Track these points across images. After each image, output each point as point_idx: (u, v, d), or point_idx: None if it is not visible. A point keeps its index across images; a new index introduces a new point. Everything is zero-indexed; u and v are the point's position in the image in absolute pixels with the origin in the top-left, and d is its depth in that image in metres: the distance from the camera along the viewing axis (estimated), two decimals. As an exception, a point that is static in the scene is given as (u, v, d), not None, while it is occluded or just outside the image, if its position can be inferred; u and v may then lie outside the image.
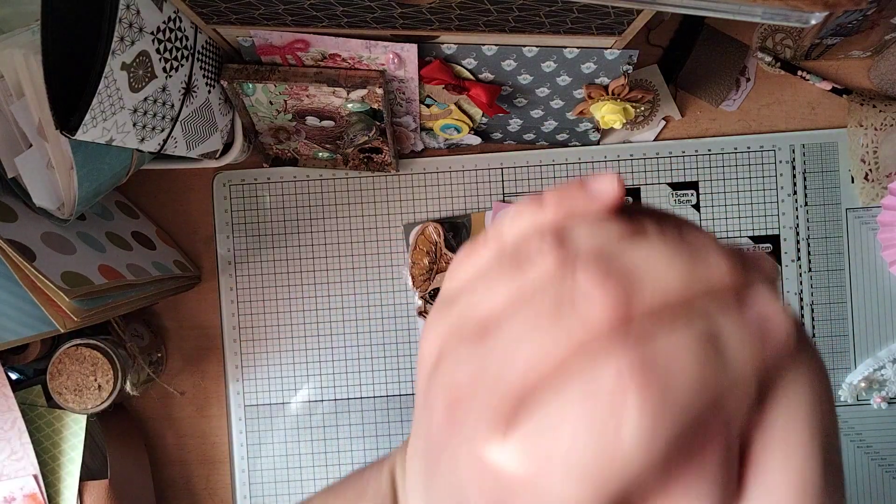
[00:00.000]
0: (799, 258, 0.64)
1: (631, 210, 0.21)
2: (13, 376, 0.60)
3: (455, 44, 0.50)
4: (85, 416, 0.57)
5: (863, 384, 0.63)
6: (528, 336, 0.17)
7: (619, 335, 0.16)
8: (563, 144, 0.64)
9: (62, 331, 0.47)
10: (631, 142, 0.64)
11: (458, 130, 0.60)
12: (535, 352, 0.17)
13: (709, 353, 0.16)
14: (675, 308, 0.17)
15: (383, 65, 0.51)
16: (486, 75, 0.54)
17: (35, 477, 0.55)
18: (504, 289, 0.18)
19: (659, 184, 0.64)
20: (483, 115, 0.59)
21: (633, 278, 0.17)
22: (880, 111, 0.61)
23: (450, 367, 0.18)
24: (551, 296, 0.17)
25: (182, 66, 0.48)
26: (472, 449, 0.17)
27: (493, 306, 0.18)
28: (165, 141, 0.50)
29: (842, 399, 0.64)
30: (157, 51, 0.45)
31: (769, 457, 0.17)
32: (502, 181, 0.64)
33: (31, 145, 0.45)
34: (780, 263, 0.64)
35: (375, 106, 0.55)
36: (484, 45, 0.50)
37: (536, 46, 0.50)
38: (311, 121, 0.57)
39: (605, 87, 0.54)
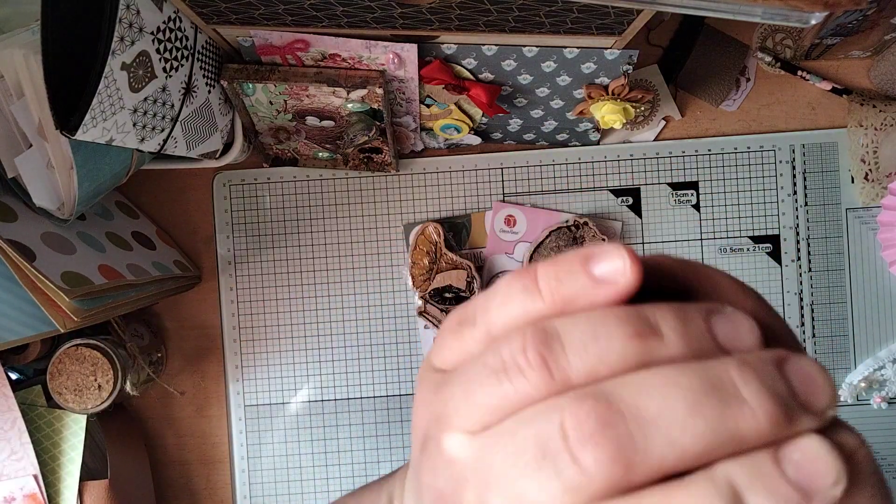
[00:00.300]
0: (799, 258, 0.64)
1: (647, 283, 0.17)
2: (13, 376, 0.60)
3: (455, 44, 0.50)
4: (85, 416, 0.57)
5: (863, 384, 0.63)
6: (513, 474, 0.15)
7: (615, 492, 0.14)
8: (563, 144, 0.64)
9: (62, 331, 0.47)
10: (631, 142, 0.64)
11: (458, 130, 0.60)
12: (516, 493, 0.15)
13: None
14: (690, 465, 0.14)
15: (383, 65, 0.51)
16: (486, 75, 0.54)
17: (35, 477, 0.55)
18: (484, 400, 0.16)
19: (659, 184, 0.64)
20: (483, 115, 0.59)
21: (637, 432, 0.14)
22: (880, 111, 0.61)
23: (432, 467, 0.18)
24: (538, 433, 0.15)
25: (182, 66, 0.48)
26: None
27: (473, 418, 0.17)
28: (165, 141, 0.50)
29: (841, 399, 0.64)
30: (157, 51, 0.45)
31: None
32: (502, 181, 0.64)
33: (31, 145, 0.45)
34: (779, 263, 0.64)
35: (375, 106, 0.55)
36: (484, 45, 0.50)
37: (536, 46, 0.50)
38: (311, 121, 0.57)
39: (605, 87, 0.54)
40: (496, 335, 0.18)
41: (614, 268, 0.16)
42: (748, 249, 0.64)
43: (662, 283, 0.18)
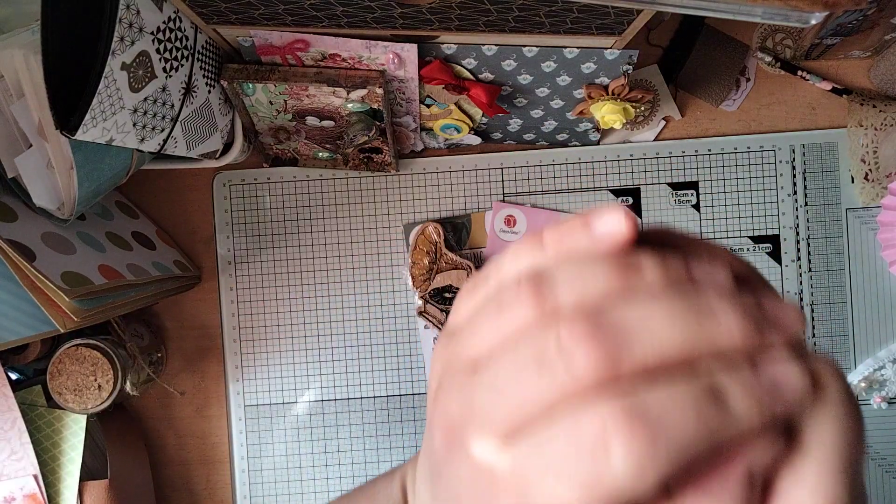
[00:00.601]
0: (799, 258, 0.64)
1: (640, 241, 0.19)
2: (13, 376, 0.60)
3: (455, 44, 0.50)
4: (85, 416, 0.57)
5: (863, 384, 0.63)
6: (514, 380, 0.17)
7: (605, 390, 0.16)
8: (563, 144, 0.64)
9: (62, 331, 0.47)
10: (631, 142, 0.64)
11: (458, 130, 0.60)
12: (520, 395, 0.17)
13: (708, 407, 0.16)
14: (672, 366, 0.16)
15: (383, 65, 0.51)
16: (486, 75, 0.54)
17: (35, 477, 0.55)
18: (488, 332, 0.19)
19: (659, 184, 0.64)
20: (483, 115, 0.59)
21: (622, 336, 0.16)
22: (880, 111, 0.61)
23: (445, 397, 0.19)
24: (534, 346, 0.17)
25: (182, 66, 0.48)
26: (467, 462, 0.18)
27: (480, 347, 0.19)
28: (165, 141, 0.50)
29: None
30: (157, 51, 0.45)
31: (796, 489, 0.17)
32: (502, 181, 0.64)
33: (30, 145, 0.45)
34: (779, 263, 0.64)
35: (375, 106, 0.55)
36: (484, 45, 0.50)
37: (536, 46, 0.50)
38: (311, 121, 0.57)
39: (605, 87, 0.54)
40: (504, 284, 0.20)
41: (611, 223, 0.18)
42: (748, 249, 0.64)
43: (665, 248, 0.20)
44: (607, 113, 0.54)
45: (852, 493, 0.17)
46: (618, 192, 0.64)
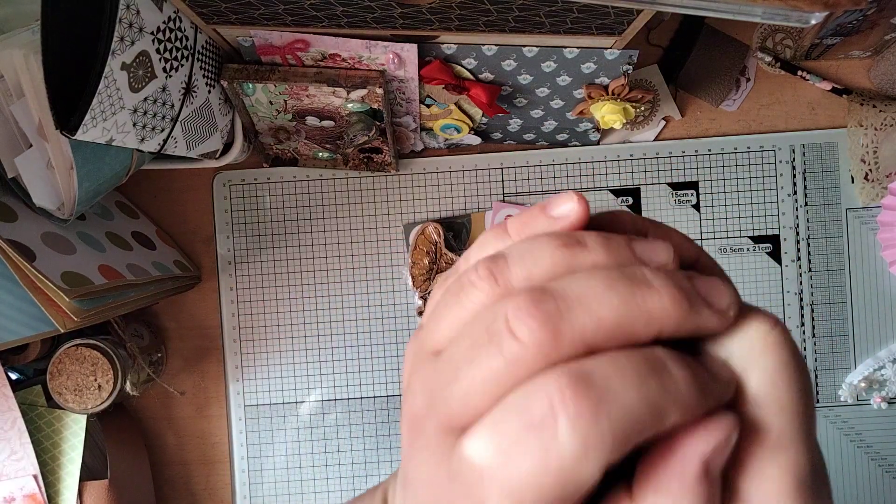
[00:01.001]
0: (799, 258, 0.64)
1: (595, 225, 0.20)
2: (13, 376, 0.60)
3: (455, 44, 0.50)
4: (85, 416, 0.57)
5: (863, 384, 0.63)
6: (465, 363, 0.18)
7: (550, 360, 0.17)
8: (564, 144, 0.64)
9: (62, 331, 0.47)
10: (631, 142, 0.64)
11: (458, 130, 0.60)
12: (471, 378, 0.17)
13: (649, 377, 0.16)
14: (611, 335, 0.17)
15: (383, 65, 0.51)
16: (486, 75, 0.54)
17: (35, 477, 0.55)
18: (447, 318, 0.19)
19: (659, 184, 0.64)
20: (483, 115, 0.59)
21: (563, 308, 0.17)
22: (880, 111, 0.61)
23: (410, 393, 0.20)
24: (484, 325, 0.18)
25: (182, 66, 0.48)
26: (427, 454, 0.18)
27: (440, 336, 0.19)
28: (165, 141, 0.50)
29: (842, 399, 0.64)
30: (157, 51, 0.45)
31: (757, 466, 0.17)
32: (502, 181, 0.64)
33: (30, 145, 0.45)
34: (779, 263, 0.64)
35: (375, 106, 0.55)
36: (484, 45, 0.50)
37: (536, 46, 0.50)
38: (311, 121, 0.57)
39: (605, 87, 0.54)
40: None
41: (567, 207, 0.20)
42: (748, 249, 0.64)
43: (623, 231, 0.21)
44: (607, 113, 0.54)
45: (814, 458, 0.18)
46: (618, 192, 0.64)
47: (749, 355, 0.18)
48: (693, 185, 0.64)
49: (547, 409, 0.16)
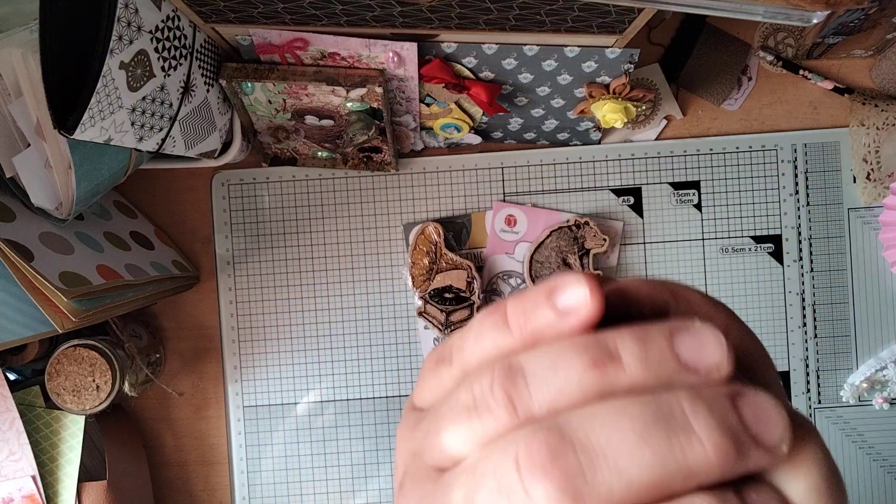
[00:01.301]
0: (801, 258, 0.64)
1: (619, 308, 0.18)
2: (11, 377, 0.60)
3: (455, 42, 0.50)
4: (83, 417, 0.56)
5: (864, 385, 0.63)
6: None
7: None
8: (564, 144, 0.64)
9: (60, 331, 0.47)
10: (632, 141, 0.64)
11: (459, 129, 0.60)
12: None
13: None
14: (641, 496, 0.15)
15: (383, 63, 0.51)
16: (487, 74, 0.54)
17: (33, 478, 0.55)
18: (455, 439, 0.17)
19: (660, 183, 0.64)
20: (483, 114, 0.59)
21: (585, 463, 0.15)
22: (882, 110, 0.61)
23: (404, 498, 0.18)
24: (496, 469, 0.16)
25: (181, 65, 0.48)
26: None
27: (445, 456, 0.18)
28: (164, 140, 0.50)
29: (843, 400, 0.64)
30: (156, 50, 0.45)
31: None
32: (502, 181, 0.64)
33: (28, 145, 0.44)
34: (781, 263, 0.64)
35: (375, 105, 0.54)
36: (484, 43, 0.50)
37: (537, 45, 0.50)
38: (311, 120, 0.57)
39: (607, 86, 0.54)
40: (470, 372, 0.18)
41: (576, 298, 0.17)
42: (750, 249, 0.64)
43: (637, 306, 0.18)
44: (608, 112, 0.54)
45: None
46: (619, 192, 0.64)
47: (798, 491, 0.16)
48: (694, 185, 0.64)
49: None
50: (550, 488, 0.14)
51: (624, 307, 0.18)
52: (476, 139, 0.63)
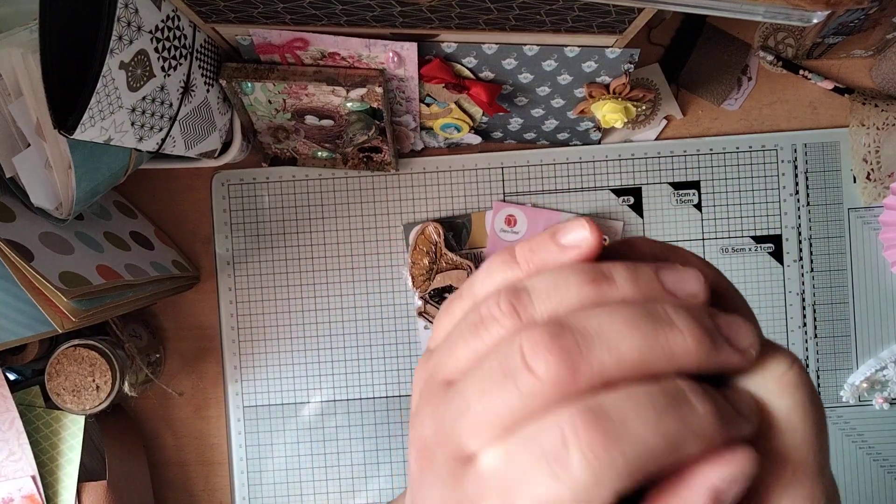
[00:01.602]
0: (801, 258, 0.64)
1: (610, 254, 0.20)
2: (11, 377, 0.60)
3: (455, 42, 0.50)
4: (83, 417, 0.56)
5: (864, 385, 0.63)
6: (479, 395, 0.17)
7: (566, 398, 0.16)
8: (564, 144, 0.64)
9: (60, 331, 0.47)
10: (632, 141, 0.64)
11: (459, 129, 0.60)
12: (484, 410, 0.17)
13: (667, 410, 0.16)
14: (631, 371, 0.17)
15: (383, 63, 0.51)
16: (487, 74, 0.53)
17: (33, 478, 0.55)
18: (464, 350, 0.19)
19: (660, 183, 0.64)
20: (483, 114, 0.59)
21: (581, 342, 0.17)
22: (882, 110, 0.61)
23: (419, 418, 0.20)
24: (500, 358, 0.17)
25: (181, 64, 0.48)
26: (437, 485, 0.18)
27: (454, 367, 0.19)
28: (164, 140, 0.50)
29: (843, 400, 0.64)
30: (156, 49, 0.45)
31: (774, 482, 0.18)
32: (502, 181, 0.64)
33: (28, 145, 0.44)
34: (781, 263, 0.64)
35: (375, 105, 0.54)
36: (484, 43, 0.50)
37: (537, 45, 0.50)
38: (311, 120, 0.57)
39: (607, 86, 0.54)
40: (479, 302, 0.20)
41: (578, 235, 0.19)
42: (750, 249, 0.64)
43: (641, 258, 0.21)
44: (608, 112, 0.54)
45: (829, 490, 0.18)
46: (619, 192, 0.64)
47: (769, 392, 0.18)
48: (695, 185, 0.64)
49: (559, 442, 0.16)
50: (550, 360, 0.16)
51: (630, 257, 0.20)
52: (476, 139, 0.63)
